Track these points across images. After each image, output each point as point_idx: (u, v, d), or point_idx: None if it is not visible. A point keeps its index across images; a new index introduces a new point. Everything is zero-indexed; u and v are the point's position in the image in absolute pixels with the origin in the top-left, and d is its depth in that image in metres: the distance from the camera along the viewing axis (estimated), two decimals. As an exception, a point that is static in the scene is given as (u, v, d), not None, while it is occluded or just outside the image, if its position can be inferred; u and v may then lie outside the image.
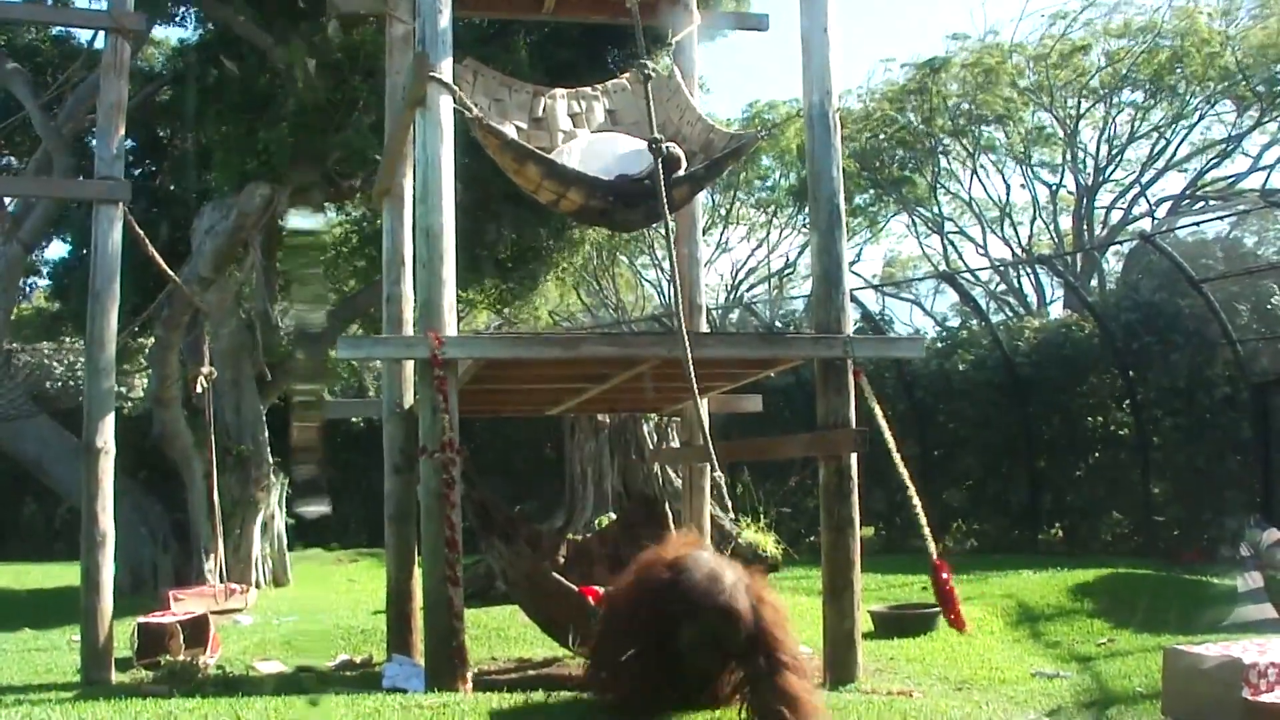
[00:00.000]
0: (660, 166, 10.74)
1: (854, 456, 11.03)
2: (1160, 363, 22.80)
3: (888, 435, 11.44)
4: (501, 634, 13.61)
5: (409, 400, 11.87)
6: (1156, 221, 37.43)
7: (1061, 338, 25.21)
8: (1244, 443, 21.32)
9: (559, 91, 12.66)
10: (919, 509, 11.71)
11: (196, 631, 13.09)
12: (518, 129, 11.81)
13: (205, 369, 18.88)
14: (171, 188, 21.97)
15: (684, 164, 11.61)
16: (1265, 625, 12.71)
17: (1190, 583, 16.67)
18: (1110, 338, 23.59)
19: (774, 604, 7.80)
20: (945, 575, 11.59)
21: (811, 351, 11.49)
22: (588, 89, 12.74)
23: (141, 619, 13.08)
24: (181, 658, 12.51)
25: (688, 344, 10.25)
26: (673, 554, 7.89)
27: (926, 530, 11.90)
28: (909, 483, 11.62)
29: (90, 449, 11.88)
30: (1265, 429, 20.67)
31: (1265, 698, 9.11)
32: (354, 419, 26.18)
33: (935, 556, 11.70)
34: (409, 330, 12.13)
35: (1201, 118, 38.02)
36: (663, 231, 10.99)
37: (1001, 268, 39.76)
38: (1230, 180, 38.87)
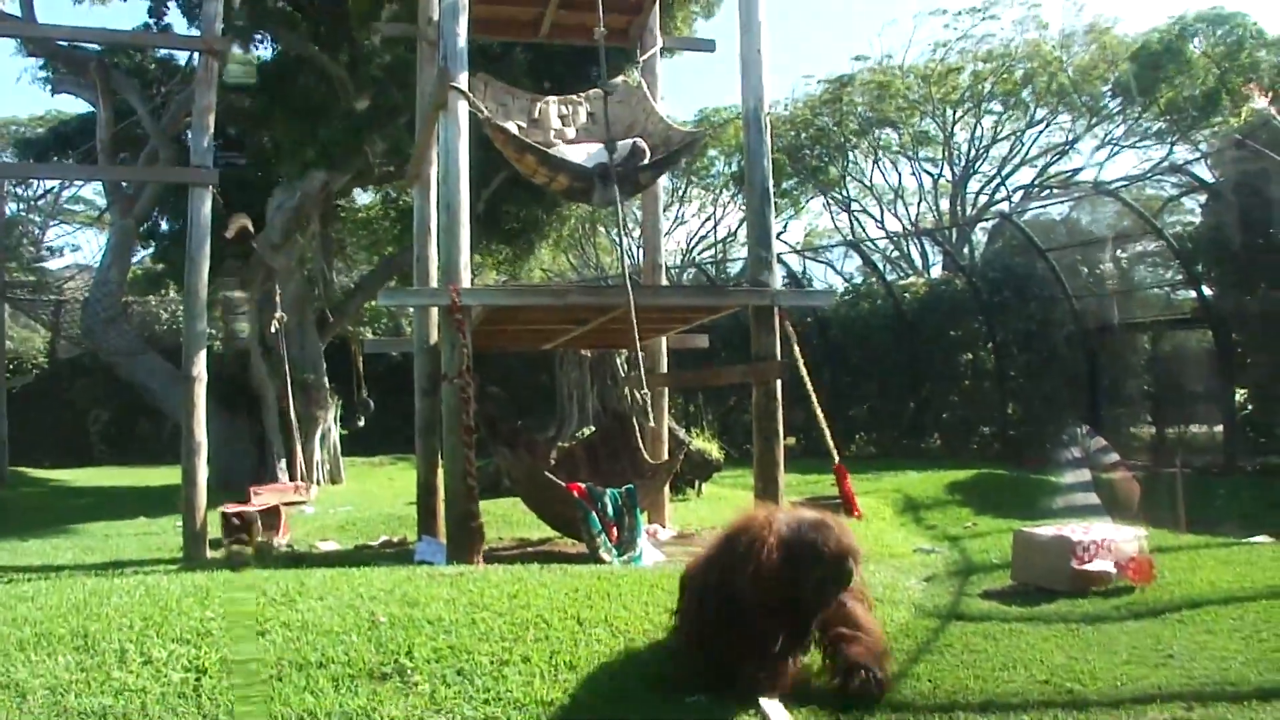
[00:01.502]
0: (611, 160, 11.03)
1: (779, 382, 11.10)
2: (1015, 313, 23.03)
3: (802, 370, 11.53)
4: (507, 520, 13.61)
5: (434, 338, 11.85)
6: (1013, 204, 37.84)
7: (940, 293, 25.50)
8: (1079, 375, 21.52)
9: (551, 98, 12.66)
10: (824, 425, 11.82)
11: (271, 519, 13.17)
12: (519, 127, 11.76)
13: (277, 315, 18.93)
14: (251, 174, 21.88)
15: (648, 155, 11.67)
16: (1088, 510, 12.79)
17: (1035, 481, 16.76)
18: (977, 293, 23.86)
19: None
20: (844, 477, 11.74)
21: (747, 300, 11.52)
22: (574, 96, 12.73)
23: (228, 509, 13.10)
24: (260, 539, 12.57)
25: (632, 297, 10.42)
26: (760, 516, 6.36)
27: (830, 442, 12.04)
28: (817, 406, 11.73)
29: (188, 378, 12.04)
30: (1094, 364, 21.28)
31: (1087, 566, 9.18)
32: (392, 354, 26.10)
33: (837, 462, 11.87)
34: (434, 284, 12.10)
35: (1046, 125, 38.88)
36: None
37: (895, 238, 40.05)
38: (1069, 173, 39.52)
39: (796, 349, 11.70)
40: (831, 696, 5.89)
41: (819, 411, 11.75)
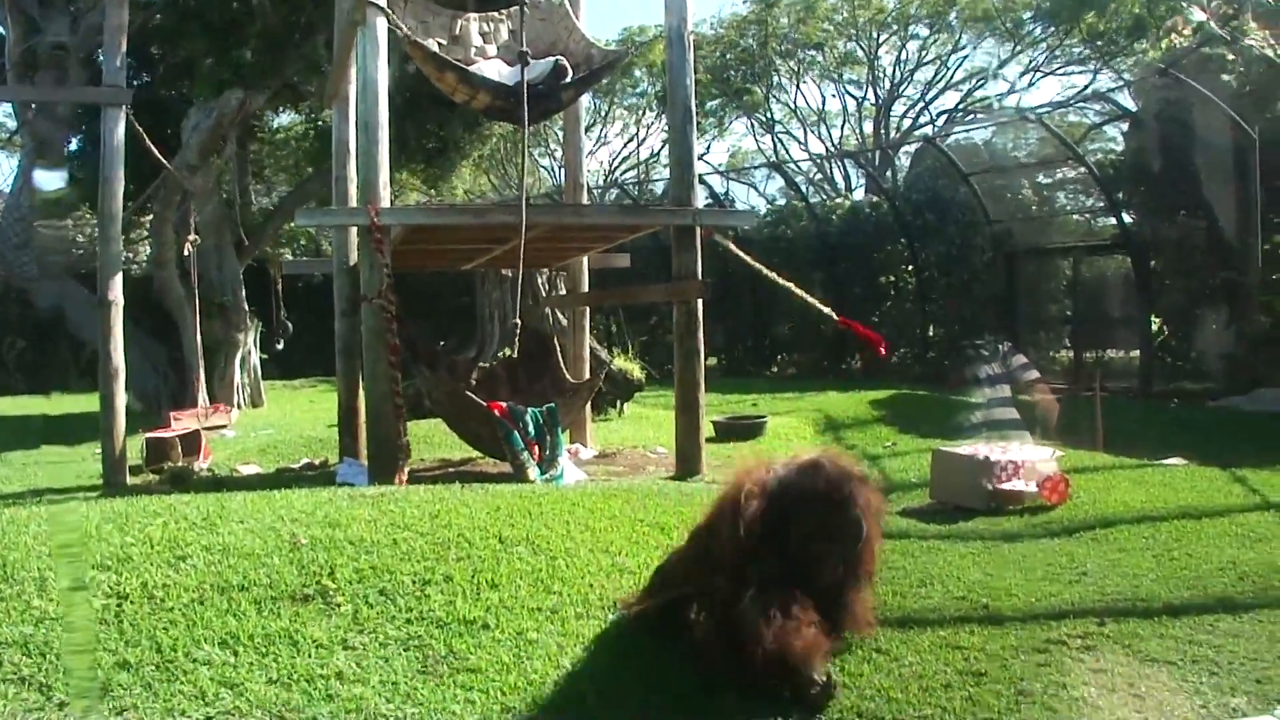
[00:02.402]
0: (524, 75, 10.81)
1: (699, 301, 11.14)
2: (937, 236, 23.26)
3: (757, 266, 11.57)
4: (428, 441, 13.62)
5: (353, 259, 11.76)
6: (937, 128, 37.87)
7: (863, 215, 25.69)
8: (998, 296, 21.78)
9: (472, 15, 12.49)
10: (806, 296, 11.94)
11: (191, 443, 13.10)
12: (439, 44, 11.63)
13: (192, 237, 18.68)
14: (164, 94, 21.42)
15: (570, 73, 11.62)
16: (1007, 425, 12.98)
17: (954, 401, 16.95)
18: (900, 216, 24.04)
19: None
20: (854, 325, 11.87)
21: (668, 220, 11.56)
22: (495, 14, 12.57)
23: (148, 435, 12.99)
24: (180, 464, 12.49)
25: (523, 213, 10.44)
26: (750, 468, 5.46)
27: (818, 303, 12.17)
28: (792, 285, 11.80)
29: (104, 302, 11.90)
30: (1013, 287, 21.55)
31: (1004, 485, 9.36)
32: (313, 275, 25.83)
33: (839, 317, 12.04)
34: (353, 204, 11.99)
35: (972, 49, 38.97)
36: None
37: (818, 160, 40.14)
38: (993, 98, 39.73)
39: (743, 255, 11.73)
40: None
41: (792, 286, 11.81)
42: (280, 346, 23.05)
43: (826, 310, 12.30)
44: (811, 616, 5.09)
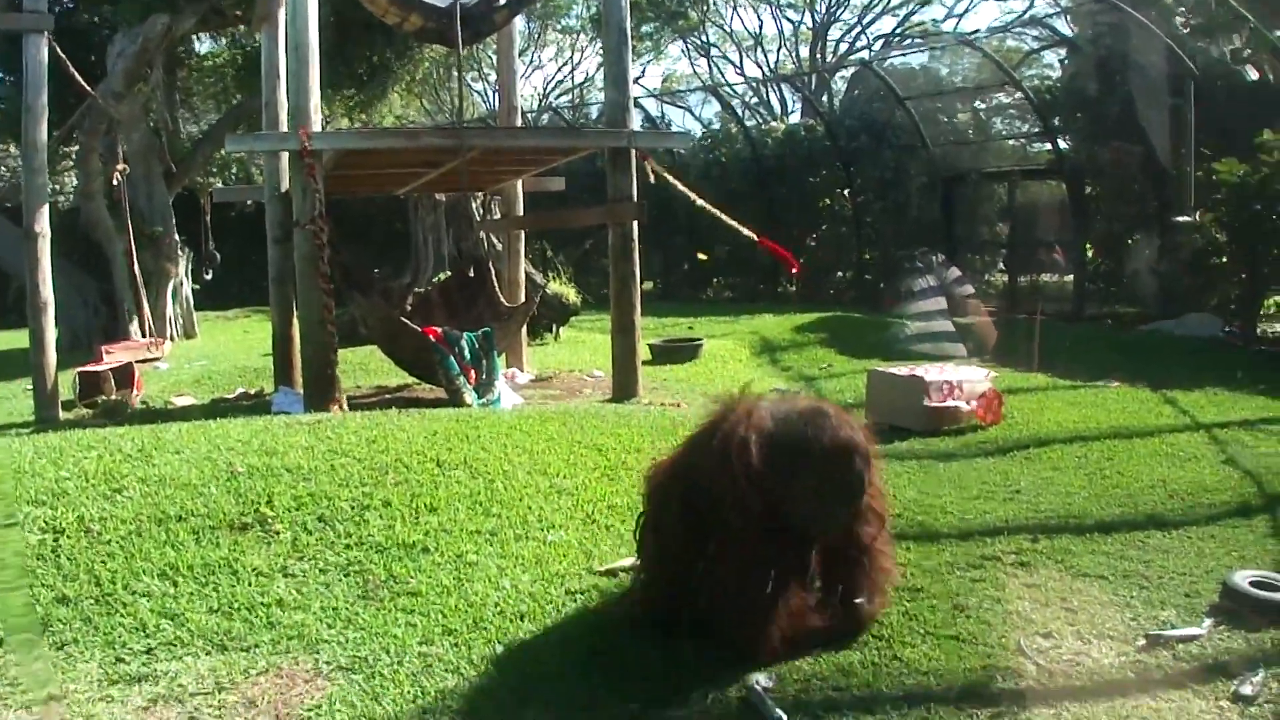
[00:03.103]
0: None
1: (635, 224, 11.13)
2: (873, 160, 23.30)
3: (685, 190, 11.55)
4: (364, 368, 13.56)
5: (285, 186, 11.61)
6: (873, 53, 37.99)
7: (799, 139, 25.61)
8: (934, 221, 21.88)
9: (403, -64, 12.27)
10: (729, 220, 11.92)
11: (124, 377, 12.94)
12: (369, -34, 11.43)
13: (120, 166, 18.35)
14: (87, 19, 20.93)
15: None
16: (941, 338, 13.12)
17: (889, 324, 17.08)
18: (836, 140, 24.07)
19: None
20: (771, 244, 11.87)
21: (602, 142, 11.52)
22: (426, -66, 12.36)
23: (80, 369, 12.84)
24: (114, 397, 12.37)
25: (459, 136, 10.23)
26: (740, 404, 4.84)
27: (740, 225, 12.16)
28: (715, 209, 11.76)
29: (30, 234, 11.62)
30: (950, 211, 21.67)
31: (939, 405, 9.48)
32: (244, 203, 25.51)
33: (759, 237, 12.03)
34: (283, 129, 11.82)
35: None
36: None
37: (754, 84, 40.01)
38: (930, 23, 39.63)
39: (672, 180, 11.69)
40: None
41: (718, 212, 11.80)
42: (209, 276, 22.78)
43: (746, 232, 12.27)
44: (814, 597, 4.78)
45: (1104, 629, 4.96)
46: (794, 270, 12.24)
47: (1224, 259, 15.69)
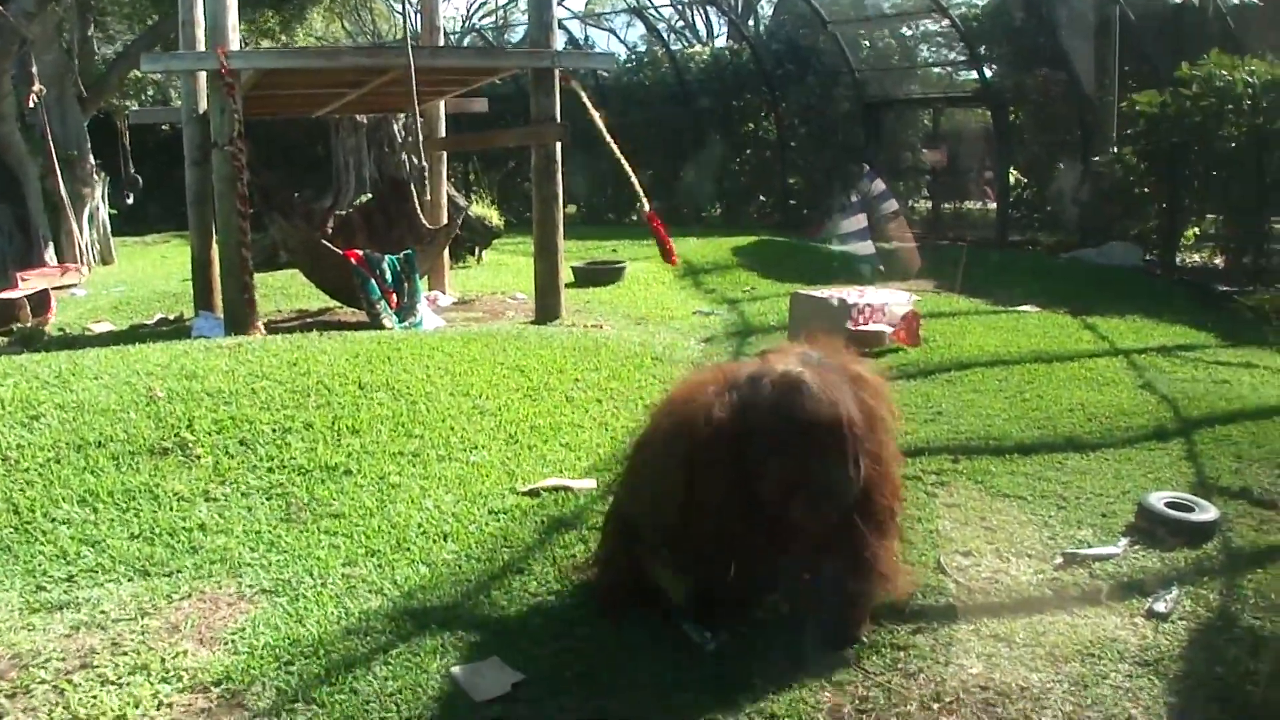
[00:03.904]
0: None
1: (558, 145, 11.06)
2: (798, 85, 23.19)
3: (600, 124, 11.45)
4: (285, 292, 13.41)
5: (203, 107, 11.37)
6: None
7: (724, 64, 25.44)
8: (858, 147, 21.89)
9: None
10: (630, 173, 11.79)
11: (40, 304, 12.74)
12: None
13: (37, 88, 17.93)
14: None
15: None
16: (863, 260, 13.17)
17: (812, 248, 17.15)
18: (761, 65, 23.91)
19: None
20: (657, 223, 11.79)
21: (525, 62, 11.43)
22: None
23: (-6, 296, 12.62)
24: (29, 324, 12.16)
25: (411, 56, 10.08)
26: (719, 372, 4.18)
27: (639, 190, 12.04)
28: (620, 155, 11.64)
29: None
30: (875, 137, 21.68)
31: (862, 327, 9.55)
32: (162, 126, 25.00)
33: (648, 209, 11.92)
34: (200, 48, 11.56)
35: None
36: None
37: (679, 7, 39.63)
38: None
39: (590, 107, 11.57)
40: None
41: (622, 159, 11.67)
42: (130, 201, 22.36)
43: (642, 196, 12.21)
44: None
45: (1022, 547, 5.05)
46: (674, 261, 12.15)
47: (1144, 190, 15.86)
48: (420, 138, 11.50)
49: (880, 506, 4.11)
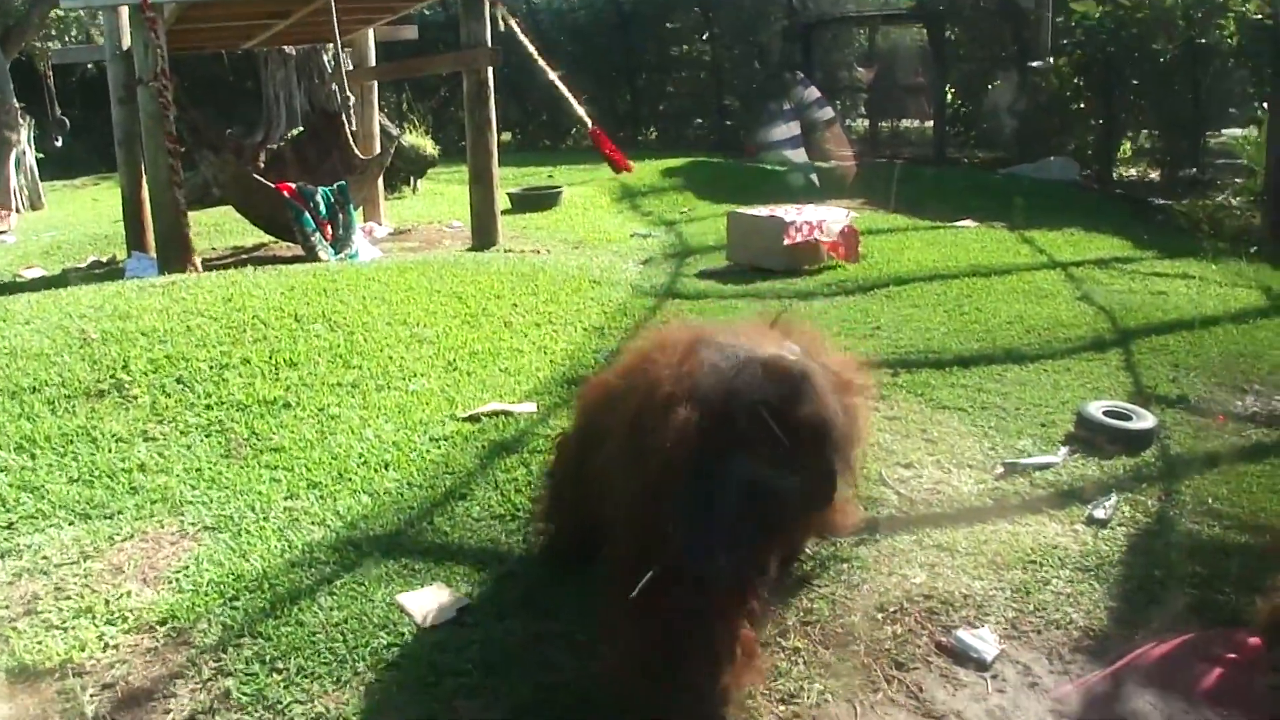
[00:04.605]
0: None
1: (490, 70, 10.92)
2: (731, 4, 23.04)
3: (530, 48, 11.32)
4: (219, 229, 13.25)
5: (127, 43, 11.13)
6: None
7: (657, -16, 25.17)
8: (794, 66, 21.73)
9: None
10: (566, 93, 11.67)
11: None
12: None
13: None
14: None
15: None
16: (797, 168, 13.16)
17: (750, 168, 17.15)
18: (694, -16, 23.70)
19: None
20: (602, 138, 11.71)
21: (454, -13, 11.24)
22: None
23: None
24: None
25: None
26: (680, 339, 3.36)
27: (578, 109, 11.93)
28: (555, 77, 11.53)
29: None
30: (809, 57, 21.42)
31: (800, 245, 9.55)
32: (87, 66, 24.50)
33: (590, 126, 11.82)
34: (121, -17, 11.31)
35: None
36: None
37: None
38: None
39: (520, 33, 11.41)
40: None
41: (558, 81, 11.54)
42: (58, 144, 21.97)
43: (582, 115, 12.07)
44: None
45: (963, 458, 5.09)
46: (627, 169, 12.05)
47: (1081, 104, 15.91)
48: (349, 67, 11.34)
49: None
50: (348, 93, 11.27)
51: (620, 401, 3.46)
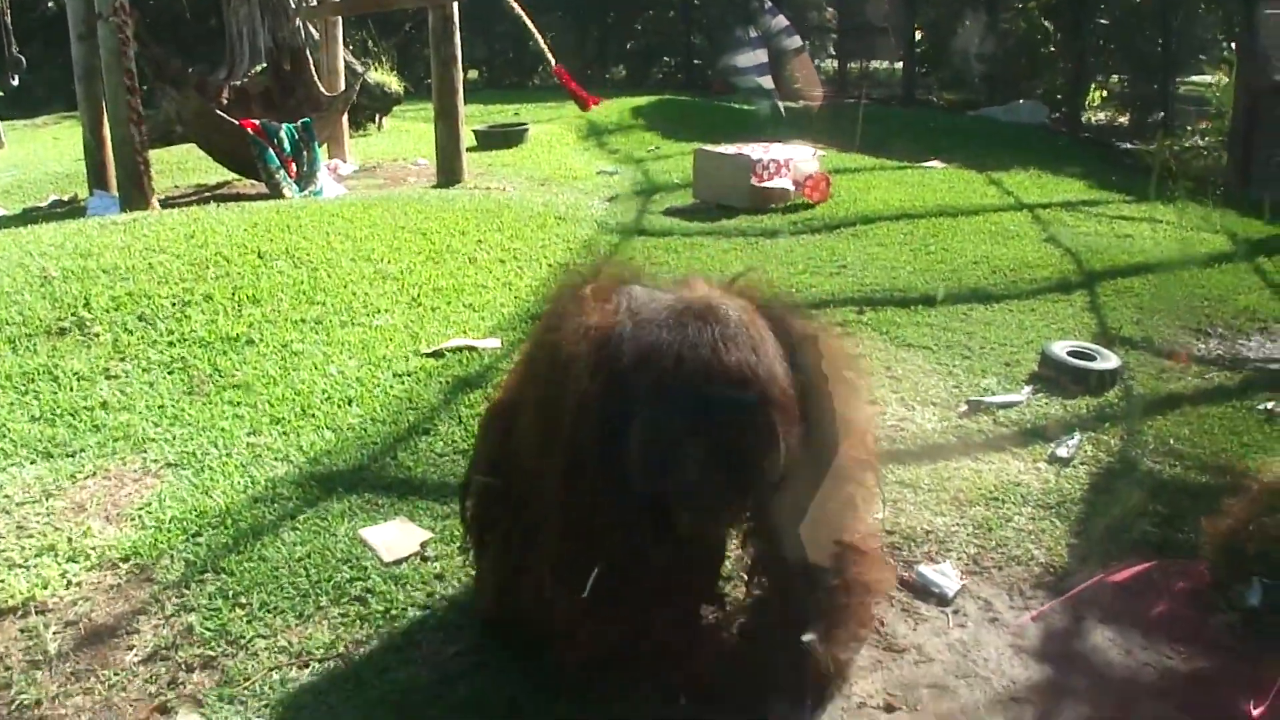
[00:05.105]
0: None
1: (455, 6, 10.81)
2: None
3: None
4: (181, 167, 13.09)
5: (88, -23, 10.96)
6: None
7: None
8: (760, 4, 21.55)
9: None
10: (533, 29, 11.60)
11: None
12: None
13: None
14: None
15: None
16: (763, 97, 13.09)
17: (718, 107, 17.11)
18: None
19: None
20: (567, 75, 11.65)
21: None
22: None
23: None
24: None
25: None
26: (594, 289, 2.80)
27: (544, 45, 11.85)
28: (524, 14, 11.44)
29: None
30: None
31: (767, 184, 9.51)
32: (46, 3, 24.17)
33: (555, 65, 11.76)
34: (79, -85, 11.10)
35: None
36: None
37: None
38: None
39: None
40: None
41: (525, 16, 11.43)
42: (15, 82, 21.61)
43: (548, 53, 11.99)
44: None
45: (927, 396, 5.11)
46: (591, 105, 11.99)
47: (1051, 48, 15.88)
48: (314, 2, 11.18)
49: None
50: (312, 29, 11.11)
51: (529, 367, 3.06)
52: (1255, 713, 3.00)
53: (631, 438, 2.53)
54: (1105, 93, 17.08)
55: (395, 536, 3.83)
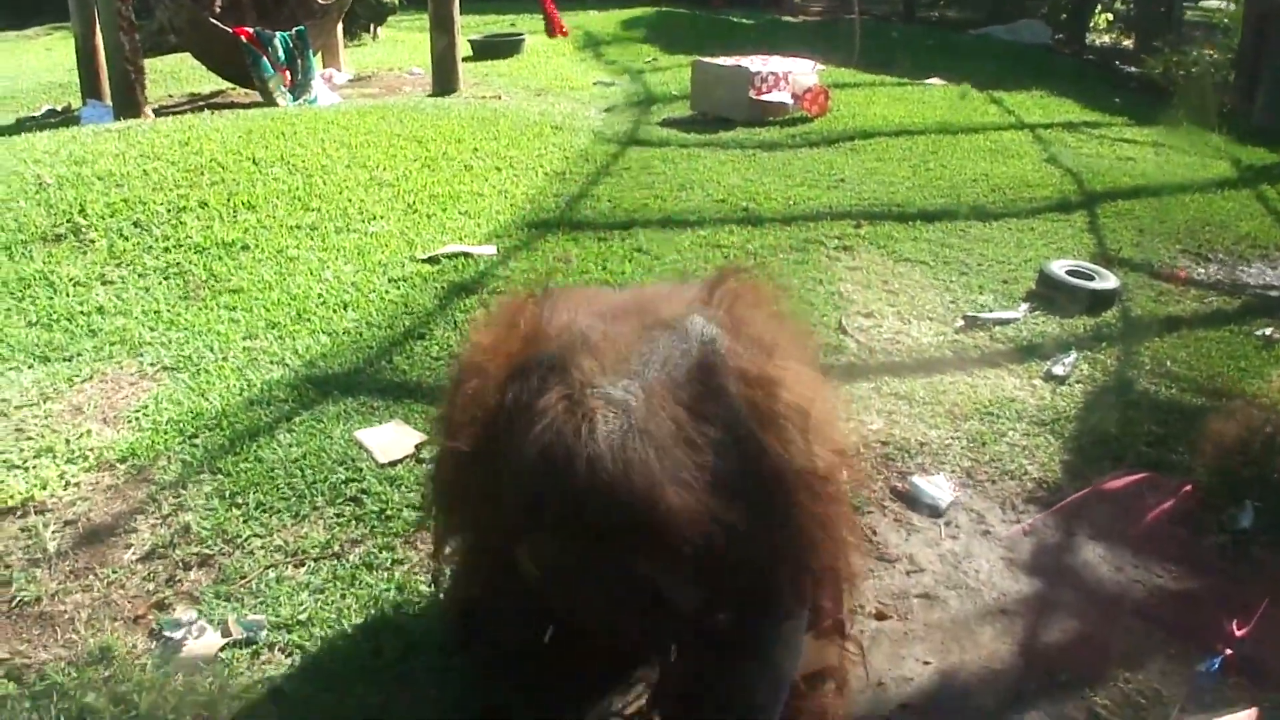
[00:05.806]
0: None
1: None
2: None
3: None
4: (175, 76, 12.96)
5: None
6: None
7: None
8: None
9: None
10: None
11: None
12: None
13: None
14: None
15: None
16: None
17: (716, 19, 16.94)
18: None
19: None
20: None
21: None
22: None
23: None
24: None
25: None
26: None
27: None
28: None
29: None
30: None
31: (765, 96, 9.45)
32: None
33: None
34: None
35: None
36: None
37: None
38: None
39: None
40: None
41: None
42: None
43: None
44: None
45: (923, 310, 5.12)
46: (562, 33, 11.93)
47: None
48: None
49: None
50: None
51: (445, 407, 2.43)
52: (1239, 634, 3.04)
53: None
54: (1111, 15, 16.93)
55: (390, 438, 3.86)
